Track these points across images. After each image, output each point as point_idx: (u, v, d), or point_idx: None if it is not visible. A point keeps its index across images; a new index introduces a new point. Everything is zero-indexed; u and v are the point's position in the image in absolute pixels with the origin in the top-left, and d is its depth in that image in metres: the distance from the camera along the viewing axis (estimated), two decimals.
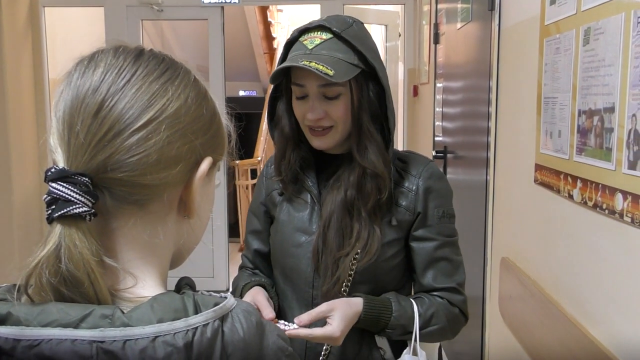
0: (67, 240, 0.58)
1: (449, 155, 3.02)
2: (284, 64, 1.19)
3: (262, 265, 1.45)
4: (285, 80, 1.28)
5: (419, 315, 1.26)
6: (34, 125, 4.15)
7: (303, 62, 1.16)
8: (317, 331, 1.18)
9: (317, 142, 1.26)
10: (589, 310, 1.36)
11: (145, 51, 0.67)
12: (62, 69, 0.67)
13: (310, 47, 1.20)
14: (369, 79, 1.23)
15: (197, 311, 0.58)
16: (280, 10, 7.73)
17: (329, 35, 1.21)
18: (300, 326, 1.19)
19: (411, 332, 1.26)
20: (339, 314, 1.19)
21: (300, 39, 1.24)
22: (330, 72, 1.15)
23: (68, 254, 0.57)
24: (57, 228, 0.58)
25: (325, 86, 1.20)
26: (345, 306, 1.21)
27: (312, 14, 5.14)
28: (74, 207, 0.58)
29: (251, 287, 1.33)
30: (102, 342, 0.55)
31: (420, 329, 1.26)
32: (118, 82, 0.62)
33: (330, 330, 1.18)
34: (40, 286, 0.58)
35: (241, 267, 1.49)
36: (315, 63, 1.15)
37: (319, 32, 1.22)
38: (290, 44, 1.26)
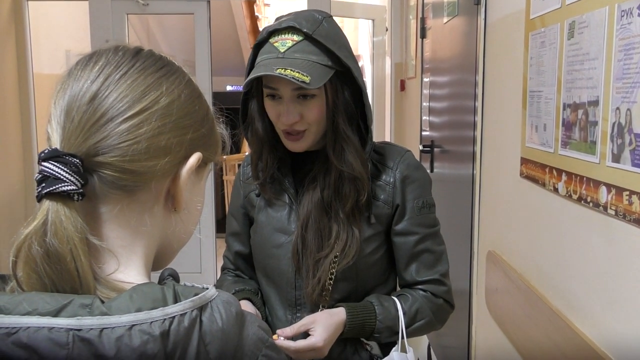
0: (53, 216, 0.59)
1: (436, 149, 3.03)
2: (259, 73, 1.15)
3: (244, 267, 1.44)
4: (256, 82, 1.24)
5: (404, 313, 1.26)
6: (17, 119, 4.11)
7: (278, 70, 1.12)
8: (300, 343, 1.18)
9: (293, 146, 1.24)
10: (573, 303, 1.37)
11: (145, 50, 0.70)
12: (47, 63, 0.68)
13: (282, 50, 1.17)
14: (343, 79, 1.21)
15: (176, 301, 0.59)
16: (267, 5, 7.71)
17: (300, 37, 1.17)
18: (284, 338, 1.18)
19: (398, 332, 1.25)
20: (320, 325, 1.19)
21: (270, 40, 1.20)
22: (307, 79, 1.12)
23: (54, 229, 0.59)
24: (46, 204, 0.60)
25: (299, 89, 1.17)
26: (326, 317, 1.21)
27: (298, 8, 5.13)
28: (63, 184, 0.60)
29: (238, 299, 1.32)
30: (78, 330, 0.56)
31: (407, 326, 1.26)
32: (115, 74, 0.65)
33: (313, 341, 1.18)
34: (30, 257, 0.59)
35: (223, 269, 1.48)
36: (291, 70, 1.12)
37: (289, 34, 1.18)
38: (259, 46, 1.22)
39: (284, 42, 1.18)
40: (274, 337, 1.19)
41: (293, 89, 1.18)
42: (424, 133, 3.34)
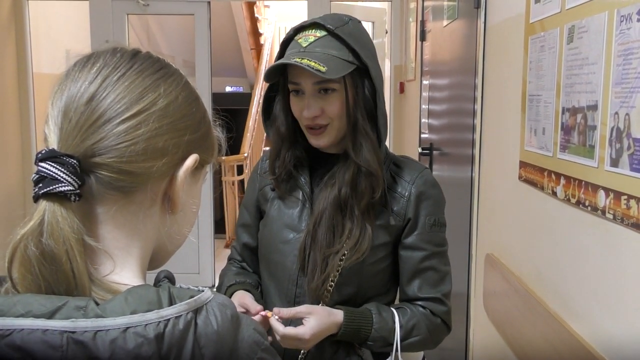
0: (50, 216, 0.59)
1: (434, 152, 3.04)
2: (276, 62, 1.20)
3: (250, 259, 1.45)
4: (282, 79, 1.28)
5: (400, 327, 1.26)
6: (17, 119, 4.10)
7: (295, 60, 1.16)
8: (288, 329, 1.18)
9: (315, 141, 1.26)
10: (571, 306, 1.38)
11: (142, 52, 0.70)
12: (46, 63, 0.69)
13: (304, 45, 1.21)
14: (364, 77, 1.23)
15: (171, 303, 0.59)
16: (267, 6, 7.72)
17: (323, 33, 1.21)
18: (278, 317, 1.19)
19: (392, 344, 1.25)
20: (315, 319, 1.19)
21: (295, 37, 1.24)
22: (323, 69, 1.15)
23: (50, 230, 0.59)
24: (42, 205, 0.60)
25: (320, 83, 1.21)
26: (324, 314, 1.21)
27: (299, 10, 5.13)
28: (60, 185, 0.60)
29: (235, 290, 1.33)
30: (73, 332, 0.56)
31: (401, 340, 1.26)
32: (112, 76, 0.65)
33: (301, 331, 1.18)
34: (25, 258, 0.59)
35: (230, 259, 1.49)
36: (308, 60, 1.16)
37: (313, 30, 1.23)
38: (286, 43, 1.27)
39: (307, 37, 1.22)
40: (269, 314, 1.19)
41: (314, 83, 1.21)
42: (423, 135, 3.34)
